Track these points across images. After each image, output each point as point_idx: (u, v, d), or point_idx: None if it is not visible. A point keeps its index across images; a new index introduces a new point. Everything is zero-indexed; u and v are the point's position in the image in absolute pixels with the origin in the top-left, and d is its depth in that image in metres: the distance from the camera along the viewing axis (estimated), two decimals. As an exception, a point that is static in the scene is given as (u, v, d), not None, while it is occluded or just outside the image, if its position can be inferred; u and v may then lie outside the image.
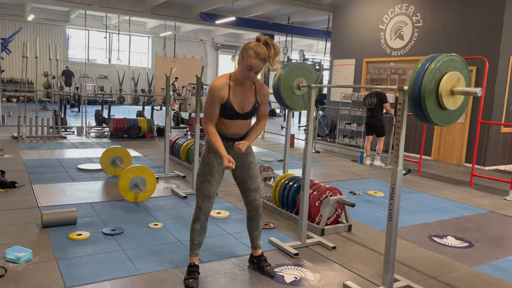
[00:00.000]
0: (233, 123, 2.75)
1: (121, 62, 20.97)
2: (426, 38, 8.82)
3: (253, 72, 2.60)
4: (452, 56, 2.43)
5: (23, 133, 8.59)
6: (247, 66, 2.58)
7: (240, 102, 2.71)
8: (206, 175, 2.77)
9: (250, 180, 2.90)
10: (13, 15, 18.34)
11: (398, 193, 2.76)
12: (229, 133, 2.78)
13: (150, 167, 6.39)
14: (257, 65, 2.57)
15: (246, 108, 2.73)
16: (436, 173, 7.23)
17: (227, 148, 2.75)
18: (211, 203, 2.83)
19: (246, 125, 2.81)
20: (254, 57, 2.56)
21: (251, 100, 2.75)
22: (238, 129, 2.78)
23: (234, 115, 2.71)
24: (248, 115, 2.76)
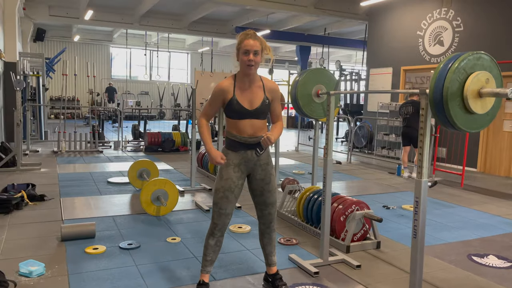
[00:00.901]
0: (245, 123, 2.58)
1: (161, 78, 21.53)
2: (468, 43, 8.34)
3: (251, 54, 2.47)
4: (478, 54, 2.18)
5: (62, 148, 8.89)
6: (243, 51, 2.48)
7: (248, 98, 2.57)
8: (225, 191, 2.60)
9: (268, 194, 2.71)
10: (61, 36, 19.35)
11: (423, 207, 2.49)
12: (244, 135, 2.59)
13: (179, 180, 6.39)
14: (251, 43, 2.47)
15: (255, 104, 2.57)
16: (480, 186, 6.71)
17: (246, 159, 2.62)
18: (228, 219, 2.67)
19: (260, 125, 2.62)
20: (245, 38, 2.49)
21: (259, 95, 2.59)
22: (252, 130, 2.59)
23: (243, 112, 2.55)
24: (259, 112, 2.58)
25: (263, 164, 2.67)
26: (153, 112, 21.18)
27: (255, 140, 2.61)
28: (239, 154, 2.62)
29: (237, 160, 2.62)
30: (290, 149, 10.91)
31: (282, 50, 23.52)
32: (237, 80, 2.60)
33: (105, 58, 21.26)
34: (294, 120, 18.55)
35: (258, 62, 2.51)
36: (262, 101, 2.58)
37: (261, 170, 2.67)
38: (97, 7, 13.60)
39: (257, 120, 2.59)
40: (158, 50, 19.98)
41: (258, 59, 2.51)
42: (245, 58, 2.48)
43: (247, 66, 2.49)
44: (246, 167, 2.65)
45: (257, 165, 2.65)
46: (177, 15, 15.07)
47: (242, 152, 2.60)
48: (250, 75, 2.55)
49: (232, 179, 2.60)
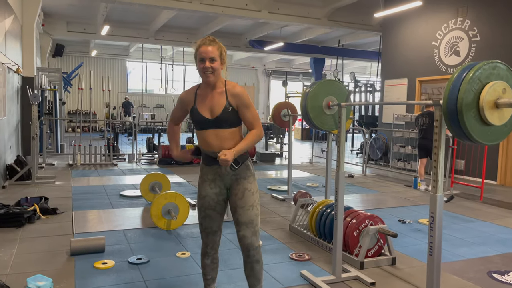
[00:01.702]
0: (209, 134, 2.37)
1: (176, 92, 21.74)
2: (485, 53, 8.17)
3: (207, 60, 2.30)
4: (494, 63, 2.09)
5: (77, 161, 8.97)
6: (199, 59, 2.33)
7: (208, 106, 2.37)
8: (206, 210, 2.47)
9: (240, 210, 2.40)
10: (79, 51, 19.77)
11: (439, 222, 2.39)
12: (210, 149, 2.38)
13: (191, 193, 6.35)
14: (205, 50, 2.30)
15: (215, 112, 2.35)
16: (501, 199, 6.49)
17: (220, 173, 2.42)
18: (218, 236, 2.55)
19: (227, 136, 2.37)
20: (200, 45, 2.33)
21: (221, 102, 2.36)
22: (218, 142, 2.36)
23: (203, 122, 2.36)
24: (221, 121, 2.34)
25: (239, 178, 2.43)
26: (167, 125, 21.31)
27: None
28: (212, 169, 2.43)
29: (211, 176, 2.44)
30: (304, 161, 10.81)
31: (296, 62, 23.55)
32: (199, 88, 2.45)
33: (121, 72, 21.59)
34: (308, 132, 18.44)
35: (217, 68, 2.33)
36: (224, 108, 2.35)
37: (236, 185, 2.43)
38: (113, 22, 13.85)
39: (222, 130, 2.36)
40: (173, 64, 20.23)
41: (216, 65, 2.32)
42: (201, 66, 2.32)
43: (204, 74, 2.34)
44: (222, 182, 2.44)
45: (233, 180, 2.43)
46: (191, 29, 15.24)
47: (215, 167, 2.41)
48: (210, 82, 2.36)
49: (210, 196, 2.44)
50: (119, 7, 11.68)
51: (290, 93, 18.63)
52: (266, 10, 11.00)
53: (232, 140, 2.37)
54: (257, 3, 10.86)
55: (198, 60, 2.34)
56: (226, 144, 2.36)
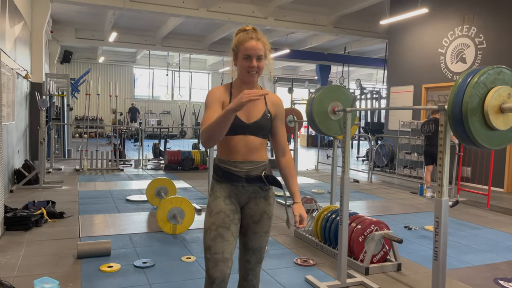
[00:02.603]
0: (239, 141, 2.00)
1: (183, 98, 21.87)
2: (491, 60, 8.16)
3: (254, 58, 1.95)
4: (499, 68, 2.10)
5: (84, 166, 9.04)
6: (244, 56, 1.96)
7: (246, 109, 2.00)
8: (218, 228, 1.97)
9: (252, 235, 2.07)
10: (87, 58, 19.98)
11: (444, 227, 2.39)
12: (235, 157, 2.00)
13: (196, 198, 6.37)
14: (254, 46, 1.95)
15: (253, 117, 2.02)
16: (507, 207, 6.44)
17: (236, 191, 2.02)
18: (229, 268, 1.97)
19: (257, 145, 2.03)
20: (246, 40, 1.97)
21: (260, 107, 2.05)
22: (246, 150, 2.01)
23: (238, 126, 1.98)
24: (258, 127, 2.02)
25: (258, 197, 2.06)
26: (174, 131, 21.44)
27: (248, 165, 2.01)
28: (226, 187, 2.02)
29: (225, 192, 2.02)
30: (310, 167, 10.80)
31: (302, 69, 23.61)
32: (234, 88, 2.07)
33: (128, 78, 21.77)
34: (314, 139, 18.44)
35: (262, 68, 2.02)
36: (263, 114, 2.04)
37: (253, 204, 2.06)
38: (121, 29, 14.01)
39: (254, 138, 2.03)
40: (179, 71, 20.37)
41: (262, 64, 2.00)
42: (246, 64, 1.97)
43: (249, 73, 1.99)
44: (238, 200, 2.04)
45: (251, 198, 2.06)
46: (198, 36, 15.37)
47: (230, 185, 2.02)
48: (252, 83, 2.04)
49: (225, 212, 1.99)
50: (126, 14, 11.82)
51: (296, 100, 18.67)
52: (272, 17, 11.07)
53: (260, 151, 2.07)
54: (263, 10, 10.94)
55: (242, 56, 1.98)
56: (253, 155, 2.03)
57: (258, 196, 2.06)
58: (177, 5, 10.11)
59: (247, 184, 2.02)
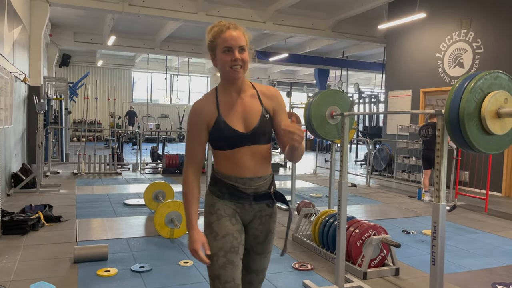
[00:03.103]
0: (245, 154, 1.73)
1: (181, 102, 21.88)
2: (489, 65, 8.19)
3: (236, 50, 1.69)
4: (496, 73, 2.11)
5: (82, 169, 9.02)
6: (223, 48, 1.70)
7: (240, 116, 1.74)
8: (227, 254, 1.71)
9: (256, 256, 1.86)
10: (85, 61, 19.99)
11: (441, 232, 2.39)
12: (245, 174, 1.74)
13: (194, 202, 6.35)
14: (233, 36, 1.70)
15: (251, 123, 1.73)
16: (506, 211, 6.45)
17: (242, 208, 1.78)
18: None
19: (264, 154, 1.77)
20: (224, 30, 1.72)
21: (255, 108, 1.76)
22: (256, 165, 1.75)
23: (236, 137, 1.72)
24: (259, 134, 1.74)
25: (263, 215, 1.83)
26: (172, 134, 21.44)
27: (258, 185, 1.76)
28: (230, 204, 1.77)
29: (230, 210, 1.76)
30: (308, 171, 10.80)
31: (300, 73, 23.66)
32: (219, 94, 1.77)
33: (127, 82, 21.78)
34: (312, 143, 18.45)
35: (247, 61, 1.72)
36: (261, 116, 1.75)
37: (258, 224, 1.83)
38: (119, 33, 14.02)
39: (259, 147, 1.75)
40: (178, 74, 20.39)
41: (246, 56, 1.72)
42: (228, 58, 1.69)
43: (232, 69, 1.70)
44: (242, 218, 1.81)
45: (257, 216, 1.82)
46: (196, 40, 15.39)
47: (239, 204, 1.77)
48: (238, 81, 1.74)
49: (233, 234, 1.74)
50: (125, 18, 11.83)
51: (295, 104, 18.70)
52: (271, 22, 11.10)
53: (268, 161, 1.81)
54: (262, 15, 10.97)
55: (221, 50, 1.71)
56: (261, 168, 1.77)
57: (264, 214, 1.83)
58: (175, 9, 10.14)
59: (255, 202, 1.78)
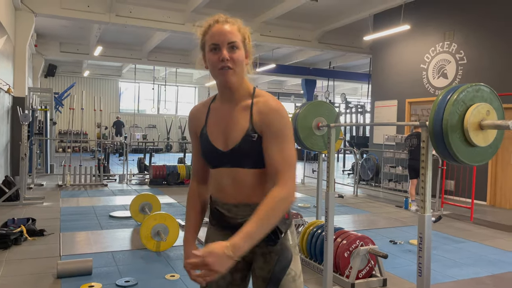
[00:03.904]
0: (224, 175, 1.46)
1: (169, 112, 21.80)
2: (472, 76, 8.34)
3: (224, 48, 1.39)
4: (478, 85, 2.14)
5: (67, 181, 8.88)
6: (210, 46, 1.42)
7: (221, 130, 1.47)
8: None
9: None
10: (72, 72, 19.81)
11: (427, 243, 2.39)
12: (227, 200, 1.47)
13: (182, 213, 6.30)
14: (221, 30, 1.41)
15: (232, 140, 1.43)
16: (491, 220, 6.53)
17: (219, 238, 1.45)
18: None
19: (250, 182, 1.44)
20: (209, 25, 1.45)
21: (241, 123, 1.43)
22: (237, 191, 1.45)
23: (213, 155, 1.46)
24: (239, 156, 1.42)
25: (268, 252, 1.46)
26: (160, 145, 21.30)
27: (246, 215, 1.37)
28: (222, 234, 1.50)
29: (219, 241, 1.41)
30: (296, 181, 10.79)
31: (288, 83, 23.80)
32: (215, 101, 1.54)
33: (113, 92, 21.63)
34: (300, 153, 18.49)
35: (239, 61, 1.42)
36: (245, 134, 1.42)
37: (262, 262, 1.47)
38: (106, 43, 13.96)
39: (241, 171, 1.43)
40: (166, 85, 20.34)
41: (239, 55, 1.41)
42: (215, 58, 1.40)
43: (220, 70, 1.40)
44: None
45: (257, 254, 1.48)
46: (184, 50, 15.40)
47: (229, 232, 1.41)
48: (229, 86, 1.44)
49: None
50: (112, 28, 11.79)
51: (282, 114, 18.79)
52: (258, 33, 11.17)
53: (258, 190, 1.43)
54: (249, 26, 10.98)
55: (208, 48, 1.43)
56: (248, 195, 1.44)
57: (268, 250, 1.45)
58: (163, 20, 10.14)
59: (227, 226, 1.49)
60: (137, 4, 9.79)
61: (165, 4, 9.97)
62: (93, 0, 9.41)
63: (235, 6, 10.12)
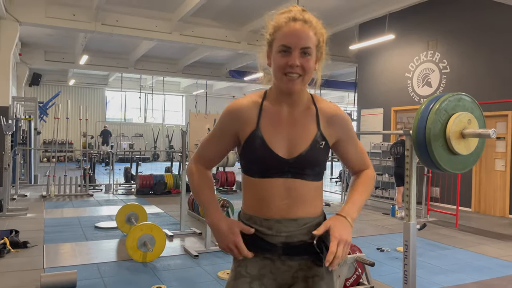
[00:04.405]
0: (274, 188, 1.30)
1: (156, 120, 21.68)
2: (455, 84, 8.49)
3: (296, 52, 1.26)
4: (459, 95, 2.19)
5: (51, 192, 8.74)
6: (280, 47, 1.28)
7: (285, 135, 1.33)
8: None
9: None
10: (57, 80, 19.61)
11: (412, 251, 2.42)
12: (271, 215, 1.31)
13: (168, 224, 6.24)
14: (297, 31, 1.26)
15: (298, 147, 1.32)
16: (475, 226, 6.61)
17: (273, 268, 1.33)
18: None
19: (307, 195, 1.33)
20: (288, 21, 1.28)
21: (308, 129, 1.34)
22: (289, 205, 1.31)
23: (273, 163, 1.30)
24: (305, 165, 1.31)
25: (311, 276, 1.33)
26: (147, 154, 21.14)
27: (290, 232, 1.31)
28: (256, 260, 1.34)
29: (255, 269, 1.34)
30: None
31: (275, 92, 23.90)
32: (267, 100, 1.38)
33: (99, 101, 21.45)
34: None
35: (310, 69, 1.30)
36: (313, 141, 1.33)
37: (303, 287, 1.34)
38: (92, 52, 13.87)
39: (301, 183, 1.32)
40: (153, 93, 20.27)
41: (310, 63, 1.29)
42: (283, 62, 1.27)
43: (286, 76, 1.28)
44: (275, 281, 1.35)
45: (298, 278, 1.34)
46: (171, 59, 15.39)
47: (263, 258, 1.33)
48: (293, 94, 1.33)
49: None
50: (98, 37, 11.73)
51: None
52: (245, 42, 11.23)
53: (312, 202, 1.34)
54: (236, 35, 11.09)
55: (277, 48, 1.29)
56: (298, 208, 1.31)
57: (310, 274, 1.32)
58: (150, 29, 10.12)
59: (287, 256, 1.31)
60: (124, 13, 9.77)
61: (152, 13, 9.96)
62: (79, 9, 9.36)
63: (222, 15, 10.17)
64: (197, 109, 21.29)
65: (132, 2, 9.42)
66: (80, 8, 9.37)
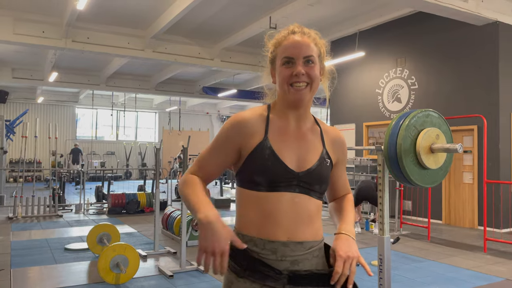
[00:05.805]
0: (282, 202, 1.25)
1: (128, 138, 21.35)
2: (423, 100, 8.78)
3: (300, 60, 1.28)
4: (427, 111, 2.26)
5: (18, 213, 8.42)
6: (283, 59, 1.30)
7: (296, 149, 1.31)
8: None
9: None
10: (25, 98, 19.09)
11: (387, 265, 2.44)
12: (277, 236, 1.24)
13: (142, 243, 6.11)
14: (298, 42, 1.28)
15: (307, 161, 1.30)
16: (447, 238, 6.76)
17: None
18: None
19: (312, 213, 1.29)
20: (287, 35, 1.32)
21: (316, 146, 1.35)
22: (296, 224, 1.26)
23: (283, 175, 1.25)
24: (314, 179, 1.29)
25: None
26: (119, 172, 20.74)
27: (296, 256, 1.25)
28: (254, 286, 1.23)
29: None
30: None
31: (249, 107, 24.00)
32: (272, 113, 1.36)
33: (70, 119, 20.99)
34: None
35: (316, 78, 1.30)
36: (321, 156, 1.33)
37: None
38: (62, 69, 13.63)
39: (307, 199, 1.28)
40: (125, 110, 20.01)
41: (315, 71, 1.30)
42: (288, 73, 1.28)
43: (293, 87, 1.28)
44: None
45: None
46: (144, 76, 15.29)
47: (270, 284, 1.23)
48: (300, 105, 1.32)
49: None
50: (68, 54, 11.56)
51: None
52: (219, 59, 11.30)
53: (317, 221, 1.32)
54: (209, 52, 11.14)
55: (280, 62, 1.31)
56: (304, 230, 1.26)
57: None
58: (122, 46, 10.05)
59: (292, 286, 1.22)
60: (95, 30, 9.67)
61: (124, 30, 9.91)
62: (48, 26, 9.21)
63: (195, 33, 10.22)
64: (170, 126, 21.16)
65: (104, 19, 9.35)
66: (50, 25, 9.22)
